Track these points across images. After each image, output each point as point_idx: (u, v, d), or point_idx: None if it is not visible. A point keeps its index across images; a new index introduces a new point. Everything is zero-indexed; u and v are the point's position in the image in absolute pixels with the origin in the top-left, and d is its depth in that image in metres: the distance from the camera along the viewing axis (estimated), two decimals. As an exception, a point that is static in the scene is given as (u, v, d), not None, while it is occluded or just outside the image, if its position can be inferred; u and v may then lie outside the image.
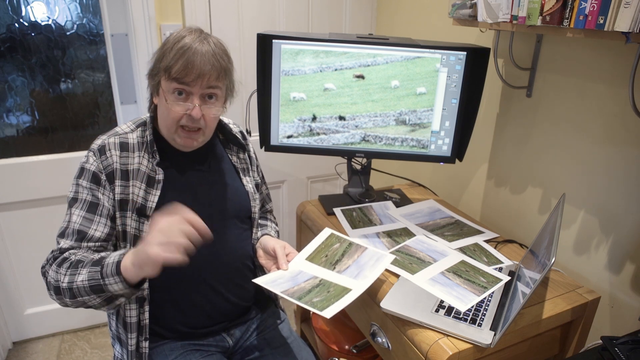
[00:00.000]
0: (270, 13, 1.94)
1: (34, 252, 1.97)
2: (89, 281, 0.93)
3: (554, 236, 0.99)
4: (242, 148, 1.28)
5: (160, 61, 1.04)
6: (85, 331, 2.16)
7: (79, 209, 1.04)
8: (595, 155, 1.25)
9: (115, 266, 0.91)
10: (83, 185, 1.05)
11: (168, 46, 1.04)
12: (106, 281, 0.92)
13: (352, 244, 1.24)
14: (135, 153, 1.09)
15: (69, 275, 0.96)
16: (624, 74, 1.15)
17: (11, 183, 1.83)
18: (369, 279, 1.08)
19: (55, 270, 0.98)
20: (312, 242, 1.23)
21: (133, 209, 1.07)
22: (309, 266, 1.14)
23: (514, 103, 1.49)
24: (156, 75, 1.06)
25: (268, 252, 1.20)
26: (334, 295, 1.01)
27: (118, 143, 1.08)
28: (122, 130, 1.11)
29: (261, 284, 1.06)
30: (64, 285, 0.96)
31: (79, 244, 1.02)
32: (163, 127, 1.11)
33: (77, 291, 0.94)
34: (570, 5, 1.00)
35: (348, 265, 1.15)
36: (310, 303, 0.98)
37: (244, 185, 1.24)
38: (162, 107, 1.07)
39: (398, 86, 1.43)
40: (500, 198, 1.60)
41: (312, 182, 2.32)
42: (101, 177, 1.05)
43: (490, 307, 1.10)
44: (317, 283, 1.07)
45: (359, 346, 1.60)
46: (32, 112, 1.87)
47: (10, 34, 1.73)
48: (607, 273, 1.26)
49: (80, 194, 1.05)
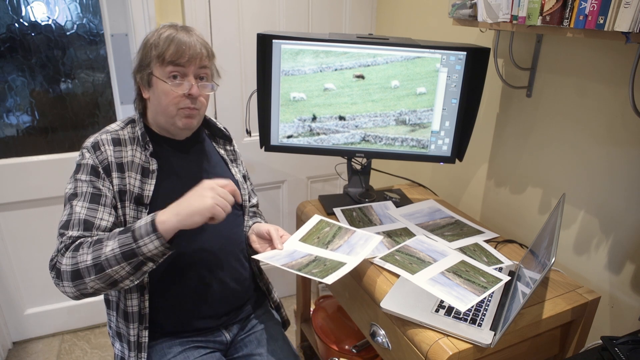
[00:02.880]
0: (270, 13, 1.94)
1: (34, 252, 1.97)
2: (120, 248, 0.95)
3: (554, 236, 0.99)
4: (229, 140, 1.35)
5: (150, 52, 1.09)
6: (85, 331, 2.16)
7: (81, 201, 1.05)
8: (595, 155, 1.25)
9: (151, 225, 0.95)
10: (82, 179, 1.07)
11: (154, 39, 1.09)
12: (140, 242, 0.95)
13: (342, 227, 1.30)
14: (128, 147, 1.12)
15: (92, 252, 0.97)
16: (624, 74, 1.15)
17: (11, 183, 1.83)
18: (361, 255, 1.15)
19: (72, 256, 0.98)
20: (303, 227, 1.29)
21: (131, 198, 1.09)
22: (303, 246, 1.21)
23: (514, 103, 1.49)
24: (147, 67, 1.10)
25: (262, 236, 1.26)
26: (330, 267, 1.08)
27: (110, 139, 1.11)
28: (112, 128, 1.16)
29: (261, 259, 1.13)
30: (89, 263, 0.96)
31: (89, 233, 1.02)
32: (160, 116, 1.14)
33: (107, 263, 0.95)
34: (570, 5, 1.00)
35: (340, 245, 1.22)
36: (311, 273, 1.05)
37: (233, 175, 1.30)
38: (158, 94, 1.11)
39: (398, 86, 1.43)
40: (500, 198, 1.60)
41: (312, 182, 2.32)
42: (99, 170, 1.08)
43: (490, 307, 1.10)
44: (312, 259, 1.14)
45: (359, 346, 1.60)
46: (32, 112, 1.87)
47: (10, 34, 1.73)
48: (607, 273, 1.26)
49: (79, 188, 1.06)
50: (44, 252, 1.99)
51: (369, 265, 1.26)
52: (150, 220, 0.96)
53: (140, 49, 1.12)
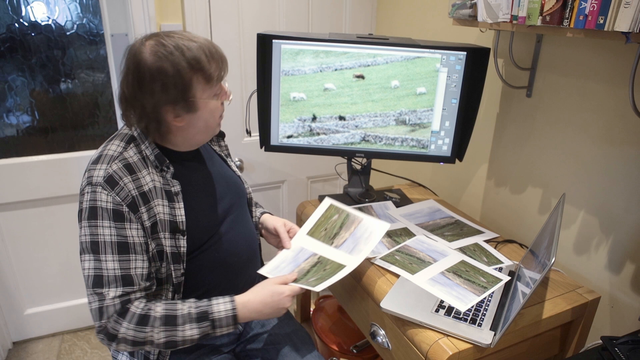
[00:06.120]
0: (270, 13, 1.94)
1: (34, 252, 1.97)
2: (199, 334, 1.00)
3: (554, 236, 0.99)
4: (222, 135, 1.32)
5: (184, 77, 0.96)
6: (85, 331, 2.16)
7: (110, 255, 0.96)
8: (595, 155, 1.25)
9: (232, 319, 1.02)
10: (103, 226, 0.96)
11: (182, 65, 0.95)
12: (217, 331, 1.01)
13: (350, 215, 1.32)
14: (142, 172, 1.01)
15: (165, 331, 0.98)
16: (624, 74, 1.15)
17: (11, 183, 1.83)
18: (363, 253, 1.18)
19: (136, 329, 0.96)
20: (313, 215, 1.32)
21: (165, 228, 1.02)
22: (309, 242, 1.25)
23: (514, 103, 1.49)
24: (186, 93, 0.98)
25: (270, 232, 1.29)
26: (328, 273, 1.12)
27: (122, 167, 0.98)
28: (115, 151, 1.00)
29: (265, 274, 1.14)
30: (161, 341, 0.98)
31: (131, 289, 0.98)
32: (199, 136, 1.07)
33: (182, 343, 1.00)
34: (570, 5, 1.00)
35: (345, 239, 1.25)
36: (307, 283, 1.10)
37: (234, 172, 1.29)
38: (206, 116, 1.03)
39: (398, 86, 1.43)
40: (500, 198, 1.60)
41: (312, 182, 2.32)
42: (123, 211, 0.96)
43: (490, 307, 1.10)
44: (315, 261, 1.18)
45: (359, 346, 1.60)
46: (32, 112, 1.87)
47: (10, 34, 1.73)
48: (607, 273, 1.26)
49: (101, 237, 0.96)
50: (44, 252, 1.99)
51: (369, 265, 1.26)
52: (232, 315, 1.02)
53: (157, 79, 0.95)
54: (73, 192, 1.94)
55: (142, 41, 0.97)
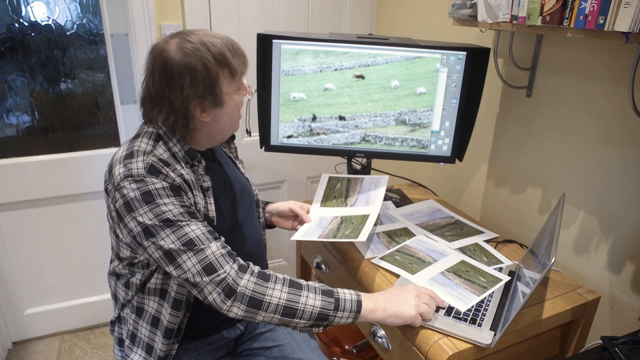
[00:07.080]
0: (270, 13, 1.94)
1: (34, 252, 1.97)
2: (320, 308, 0.96)
3: (554, 236, 0.99)
4: (232, 137, 1.29)
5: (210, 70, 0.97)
6: (85, 331, 2.16)
7: (186, 220, 0.95)
8: (595, 155, 1.25)
9: (357, 304, 0.97)
10: (165, 202, 0.94)
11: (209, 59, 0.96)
12: (338, 314, 0.97)
13: (350, 179, 1.43)
14: (177, 165, 1.01)
15: (289, 293, 0.96)
16: (624, 74, 1.15)
17: (11, 183, 1.83)
18: (378, 202, 1.29)
19: (257, 282, 0.95)
20: (318, 190, 1.41)
21: (202, 219, 1.02)
22: (326, 211, 1.33)
23: (514, 103, 1.49)
24: (214, 87, 0.98)
25: (284, 215, 1.35)
26: (358, 224, 1.18)
27: (158, 160, 0.98)
28: (146, 149, 0.99)
29: (299, 239, 1.20)
30: (281, 302, 0.95)
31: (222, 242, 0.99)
32: (224, 131, 1.07)
33: (300, 313, 0.95)
34: (570, 5, 1.00)
35: (356, 198, 1.35)
36: (345, 236, 1.14)
37: (243, 174, 1.30)
38: (231, 111, 1.04)
39: (398, 86, 1.43)
40: (500, 198, 1.60)
41: (312, 182, 2.32)
42: (178, 186, 0.97)
43: (490, 307, 1.10)
44: (340, 221, 1.25)
45: (359, 346, 1.60)
46: (32, 112, 1.87)
47: (10, 34, 1.73)
48: (607, 273, 1.26)
49: (169, 212, 0.94)
50: (44, 252, 1.99)
51: (369, 265, 1.26)
52: (357, 300, 0.98)
53: (186, 75, 0.95)
54: (73, 192, 1.94)
55: (166, 40, 0.99)
